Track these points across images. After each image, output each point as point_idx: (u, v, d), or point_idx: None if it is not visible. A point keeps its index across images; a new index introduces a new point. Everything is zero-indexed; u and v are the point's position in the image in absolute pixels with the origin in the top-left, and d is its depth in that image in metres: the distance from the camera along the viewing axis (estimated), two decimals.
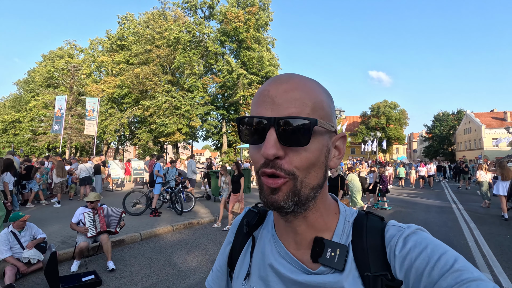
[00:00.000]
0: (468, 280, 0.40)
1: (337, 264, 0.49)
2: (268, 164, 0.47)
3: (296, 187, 0.47)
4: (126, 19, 29.08)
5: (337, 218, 0.56)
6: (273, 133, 0.46)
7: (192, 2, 21.95)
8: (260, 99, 0.50)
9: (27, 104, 35.99)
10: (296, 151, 0.47)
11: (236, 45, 22.25)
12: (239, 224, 0.69)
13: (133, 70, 24.44)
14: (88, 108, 18.89)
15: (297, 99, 0.47)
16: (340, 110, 24.73)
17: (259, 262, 0.59)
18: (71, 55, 36.45)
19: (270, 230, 0.61)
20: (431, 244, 0.46)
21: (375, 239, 0.51)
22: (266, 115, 0.47)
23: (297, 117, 0.46)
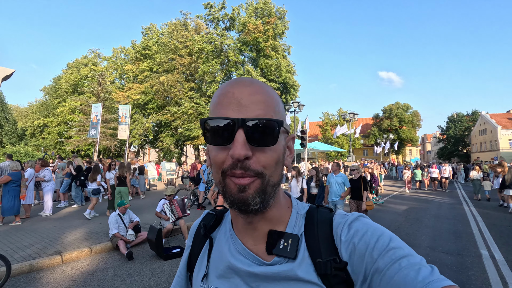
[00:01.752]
0: (401, 256, 0.46)
1: (290, 253, 0.53)
2: (236, 165, 0.48)
3: (263, 185, 0.50)
4: (149, 30, 30.90)
5: (290, 211, 0.60)
6: (242, 134, 0.48)
7: (215, 15, 23.45)
8: (225, 101, 0.51)
9: (54, 110, 38.28)
10: (263, 150, 0.49)
11: (255, 54, 23.60)
12: (197, 228, 0.71)
13: (158, 78, 26.13)
14: (120, 115, 20.56)
15: (262, 101, 0.50)
16: (353, 113, 25.68)
17: (216, 261, 0.61)
18: (95, 63, 38.72)
19: (227, 229, 0.63)
20: (371, 228, 0.52)
21: (325, 228, 0.55)
22: (233, 116, 0.49)
23: (266, 118, 0.49)
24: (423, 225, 7.59)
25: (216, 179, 0.53)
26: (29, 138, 44.55)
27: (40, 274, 4.28)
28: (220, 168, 0.51)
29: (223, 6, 23.17)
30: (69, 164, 9.86)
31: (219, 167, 0.51)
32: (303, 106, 22.00)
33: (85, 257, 5.00)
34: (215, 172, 0.53)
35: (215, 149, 0.51)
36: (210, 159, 0.55)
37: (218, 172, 0.51)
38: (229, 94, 0.51)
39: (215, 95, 0.54)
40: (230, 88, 0.52)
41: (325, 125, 46.94)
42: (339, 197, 6.27)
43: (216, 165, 0.52)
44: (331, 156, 39.67)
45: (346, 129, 25.82)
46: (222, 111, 0.50)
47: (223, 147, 0.50)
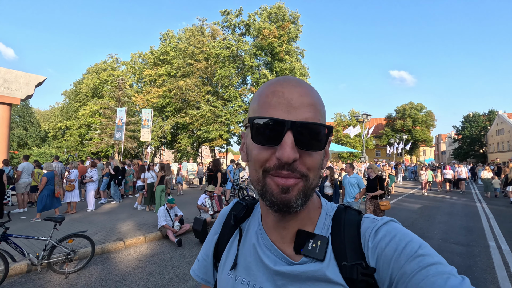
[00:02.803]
0: (430, 263, 0.44)
1: (318, 254, 0.53)
2: (283, 167, 0.48)
3: (306, 187, 0.50)
4: (167, 36, 32.17)
5: (319, 212, 0.60)
6: (290, 136, 0.47)
7: (232, 22, 24.39)
8: (275, 100, 0.50)
9: (75, 113, 40.03)
10: (309, 154, 0.49)
11: (270, 58, 24.38)
12: (227, 216, 0.71)
13: (176, 82, 27.27)
14: (143, 118, 21.73)
15: (311, 104, 0.50)
16: (366, 114, 26.08)
17: (245, 253, 0.61)
18: (114, 68, 40.36)
19: (257, 223, 0.63)
20: (399, 233, 0.50)
21: (352, 231, 0.55)
22: (283, 117, 0.48)
23: (316, 123, 0.49)
24: (436, 221, 8.17)
25: (254, 177, 0.52)
26: (52, 140, 46.67)
27: (110, 255, 5.18)
28: (261, 167, 0.50)
29: (239, 13, 24.07)
30: (107, 165, 10.89)
31: (261, 165, 0.50)
32: None
33: (142, 244, 5.89)
34: (254, 170, 0.52)
35: (258, 148, 0.50)
36: (248, 156, 0.55)
37: (259, 170, 0.51)
38: (278, 94, 0.50)
39: (262, 92, 0.53)
40: (280, 87, 0.51)
41: (337, 125, 47.23)
42: (353, 199, 6.17)
43: (257, 163, 0.51)
44: (343, 156, 39.98)
45: (359, 130, 26.25)
46: (271, 110, 0.49)
47: (268, 148, 0.49)
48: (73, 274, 4.29)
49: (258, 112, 0.51)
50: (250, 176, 0.54)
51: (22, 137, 49.21)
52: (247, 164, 0.57)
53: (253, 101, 0.55)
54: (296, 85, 0.51)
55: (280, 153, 0.47)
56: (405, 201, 12.06)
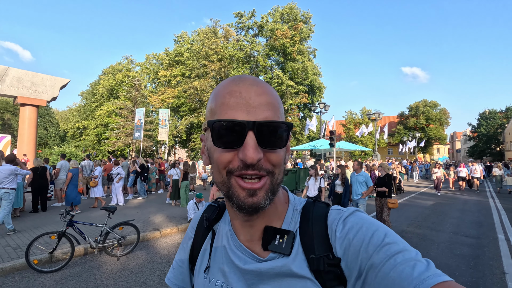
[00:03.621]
0: (396, 251, 0.45)
1: (285, 249, 0.53)
2: (248, 167, 0.47)
3: (272, 184, 0.50)
4: (181, 37, 33.01)
5: (287, 207, 0.60)
6: (252, 137, 0.47)
7: (245, 23, 24.94)
8: (232, 101, 0.49)
9: (92, 113, 41.47)
10: (273, 151, 0.49)
11: (283, 58, 24.82)
12: (200, 219, 0.71)
13: (191, 83, 28.07)
14: (161, 118, 22.60)
15: (269, 103, 0.50)
16: (379, 113, 26.22)
17: (218, 255, 0.62)
18: (129, 69, 41.58)
19: (227, 223, 0.64)
20: (366, 223, 0.51)
21: (319, 223, 0.55)
22: (242, 118, 0.47)
23: (277, 121, 0.49)
24: (448, 216, 8.52)
25: (218, 179, 0.52)
26: (70, 140, 48.45)
27: (150, 243, 5.83)
28: (224, 168, 0.50)
29: (252, 14, 24.59)
30: (134, 163, 11.65)
31: (224, 167, 0.50)
32: (328, 107, 22.96)
33: (175, 233, 6.54)
34: (217, 172, 0.52)
35: (220, 150, 0.50)
36: (210, 159, 0.54)
37: (222, 172, 0.50)
38: (236, 94, 0.49)
39: (218, 93, 0.52)
40: (236, 87, 0.50)
41: (349, 124, 47.14)
42: (359, 196, 6.24)
43: (220, 164, 0.50)
44: (354, 155, 40.03)
45: (371, 129, 26.40)
46: (230, 112, 0.49)
47: (230, 150, 0.49)
48: (123, 257, 4.95)
49: (216, 113, 0.51)
50: (214, 178, 0.54)
51: (43, 136, 51.26)
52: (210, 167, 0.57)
53: (210, 101, 0.54)
54: (253, 84, 0.51)
55: (243, 154, 0.47)
56: (418, 198, 12.36)
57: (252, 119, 0.47)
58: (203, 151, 0.58)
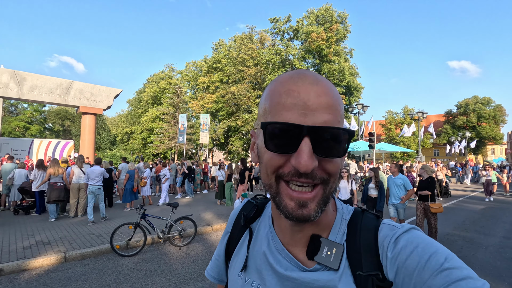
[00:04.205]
0: (458, 278, 0.39)
1: (333, 263, 0.49)
2: (301, 175, 0.44)
3: (325, 193, 0.46)
4: (219, 45, 34.55)
5: (335, 215, 0.56)
6: (308, 143, 0.43)
7: (280, 28, 25.48)
8: (289, 101, 0.45)
9: (138, 119, 44.77)
10: (329, 160, 0.45)
11: (319, 60, 24.86)
12: (237, 216, 0.70)
13: (229, 88, 29.26)
14: (202, 122, 23.96)
15: (330, 105, 0.45)
16: (422, 112, 24.96)
17: (255, 255, 0.59)
18: (170, 77, 44.33)
19: (267, 224, 0.61)
20: (422, 243, 0.45)
21: (368, 238, 0.51)
22: (298, 121, 0.43)
23: (339, 128, 0.45)
24: (499, 220, 8.14)
25: (266, 181, 0.49)
26: (120, 143, 52.74)
27: (204, 236, 6.56)
28: (274, 172, 0.47)
29: (288, 19, 25.03)
30: (182, 165, 12.72)
31: (273, 171, 0.47)
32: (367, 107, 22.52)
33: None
34: (265, 174, 0.49)
35: (270, 153, 0.46)
36: (259, 158, 0.51)
37: (271, 175, 0.47)
38: (293, 94, 0.45)
39: (274, 90, 0.48)
40: (294, 85, 0.46)
41: (389, 124, 45.15)
42: (398, 200, 5.93)
43: (270, 168, 0.47)
44: (396, 156, 38.28)
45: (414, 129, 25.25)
46: (285, 113, 0.45)
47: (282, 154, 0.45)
48: (184, 247, 5.69)
49: (270, 113, 0.47)
50: (262, 178, 0.51)
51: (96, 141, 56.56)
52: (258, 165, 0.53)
53: (265, 99, 0.50)
54: (313, 83, 0.46)
55: (297, 162, 0.43)
56: (467, 202, 11.77)
57: (309, 123, 0.43)
58: (252, 148, 0.55)
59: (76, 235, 6.09)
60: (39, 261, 4.63)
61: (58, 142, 23.03)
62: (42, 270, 4.51)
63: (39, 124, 49.90)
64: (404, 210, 6.01)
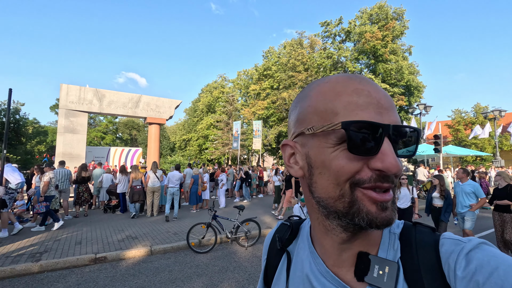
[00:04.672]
0: None
1: (387, 284, 0.43)
2: (385, 179, 0.41)
3: (395, 196, 0.43)
4: (269, 52, 35.36)
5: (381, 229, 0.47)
6: (389, 144, 0.40)
7: (332, 31, 25.14)
8: (362, 100, 0.41)
9: (194, 127, 47.79)
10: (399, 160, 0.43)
11: (373, 60, 23.80)
12: (271, 240, 0.66)
13: (279, 94, 29.69)
14: (254, 129, 24.71)
15: (394, 106, 0.44)
16: (499, 110, 22.05)
17: (296, 280, 0.54)
18: (223, 86, 46.60)
19: (306, 244, 0.56)
20: (503, 264, 0.38)
21: (428, 254, 0.44)
22: (377, 120, 0.40)
23: (414, 127, 0.43)
24: None
25: (333, 193, 0.43)
26: (178, 150, 56.89)
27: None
28: (347, 180, 0.41)
29: (339, 22, 24.56)
30: (239, 170, 13.37)
31: (348, 178, 0.41)
32: (430, 107, 20.83)
33: None
34: (333, 185, 0.43)
35: (346, 158, 0.41)
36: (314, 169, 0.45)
37: (342, 184, 0.42)
38: (364, 92, 0.42)
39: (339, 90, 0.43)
40: (359, 84, 0.43)
41: (457, 124, 40.58)
42: (466, 209, 5.39)
43: (343, 175, 0.42)
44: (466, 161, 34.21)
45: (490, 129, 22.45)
46: (361, 112, 0.41)
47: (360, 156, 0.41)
48: (250, 247, 6.07)
49: (339, 114, 0.42)
50: (323, 193, 0.44)
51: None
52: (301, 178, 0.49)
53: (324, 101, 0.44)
54: (375, 84, 0.44)
55: (385, 163, 0.39)
56: None
57: (386, 122, 0.41)
58: (296, 161, 0.49)
59: (156, 232, 6.93)
60: (132, 252, 5.43)
61: (129, 150, 25.99)
62: (134, 260, 5.29)
63: (112, 134, 56.61)
64: (472, 220, 5.40)
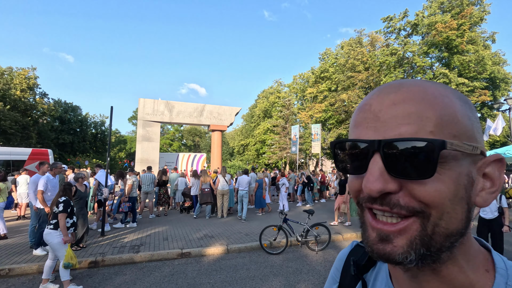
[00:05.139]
0: None
1: None
2: (375, 200, 0.36)
3: (425, 231, 0.34)
4: (325, 54, 34.67)
5: (491, 278, 0.38)
6: (378, 161, 0.35)
7: (396, 26, 23.55)
8: (359, 116, 0.39)
9: (252, 132, 49.11)
10: (420, 182, 0.34)
11: (447, 53, 21.46)
12: (345, 262, 0.59)
13: (338, 96, 28.79)
14: (313, 133, 24.46)
15: (411, 112, 0.35)
16: None
17: None
18: (279, 91, 47.08)
19: (384, 278, 0.49)
20: None
21: None
22: (367, 136, 0.37)
23: (411, 138, 0.34)
24: None
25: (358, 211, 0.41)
26: (237, 155, 59.13)
27: (335, 244, 6.79)
28: (356, 197, 0.40)
29: (405, 15, 22.84)
30: (301, 175, 13.41)
31: (355, 196, 0.40)
32: None
33: (355, 239, 7.23)
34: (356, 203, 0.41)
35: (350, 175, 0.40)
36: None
37: (355, 201, 0.40)
38: (365, 107, 0.39)
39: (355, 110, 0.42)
40: (369, 98, 0.40)
41: None
42: None
43: (351, 192, 0.41)
44: None
45: None
46: (355, 130, 0.39)
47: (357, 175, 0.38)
48: (320, 252, 6.09)
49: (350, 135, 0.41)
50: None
51: None
52: None
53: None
54: (392, 90, 0.38)
55: (363, 182, 0.36)
56: None
57: (378, 137, 0.36)
58: None
59: (229, 232, 7.43)
60: (211, 250, 5.96)
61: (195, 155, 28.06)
62: (214, 257, 5.79)
63: (178, 140, 61.71)
64: None
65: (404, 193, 0.35)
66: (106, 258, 5.28)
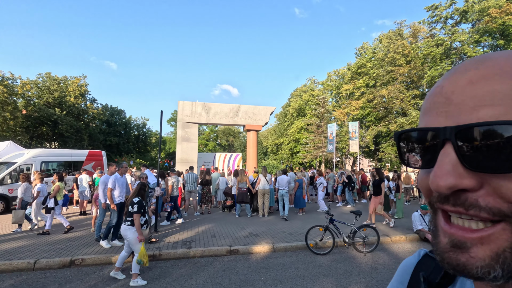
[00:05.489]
0: None
1: None
2: (446, 199, 0.30)
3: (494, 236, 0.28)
4: (362, 49, 33.37)
5: None
6: (449, 152, 0.29)
7: (442, 14, 21.94)
8: (429, 101, 0.34)
9: (285, 131, 48.86)
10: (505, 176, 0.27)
11: (502, 41, 19.51)
12: (412, 276, 0.49)
13: (376, 92, 27.55)
14: (350, 131, 23.71)
15: (495, 91, 0.28)
16: None
17: None
18: (312, 89, 46.26)
19: None
20: None
21: None
22: (438, 123, 0.31)
23: (498, 122, 0.27)
24: None
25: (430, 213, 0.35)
26: (270, 154, 59.27)
27: (384, 246, 6.57)
28: (427, 197, 0.34)
29: (452, 2, 21.16)
30: (341, 175, 13.10)
31: (426, 196, 0.34)
32: None
33: (404, 241, 6.94)
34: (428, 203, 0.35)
35: (421, 172, 0.35)
36: None
37: (426, 200, 0.35)
38: (436, 90, 0.33)
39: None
40: (442, 80, 0.34)
41: None
42: None
43: (422, 192, 0.35)
44: None
45: None
46: (424, 118, 0.34)
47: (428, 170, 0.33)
48: (369, 254, 5.95)
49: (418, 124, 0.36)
50: None
51: None
52: None
53: None
54: (471, 67, 0.32)
55: (430, 178, 0.31)
56: None
57: (451, 124, 0.30)
58: None
59: (273, 231, 7.54)
60: (258, 248, 6.11)
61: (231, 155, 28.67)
62: (261, 255, 5.94)
63: (213, 140, 63.42)
64: None
65: (486, 192, 0.28)
66: (162, 252, 5.68)
